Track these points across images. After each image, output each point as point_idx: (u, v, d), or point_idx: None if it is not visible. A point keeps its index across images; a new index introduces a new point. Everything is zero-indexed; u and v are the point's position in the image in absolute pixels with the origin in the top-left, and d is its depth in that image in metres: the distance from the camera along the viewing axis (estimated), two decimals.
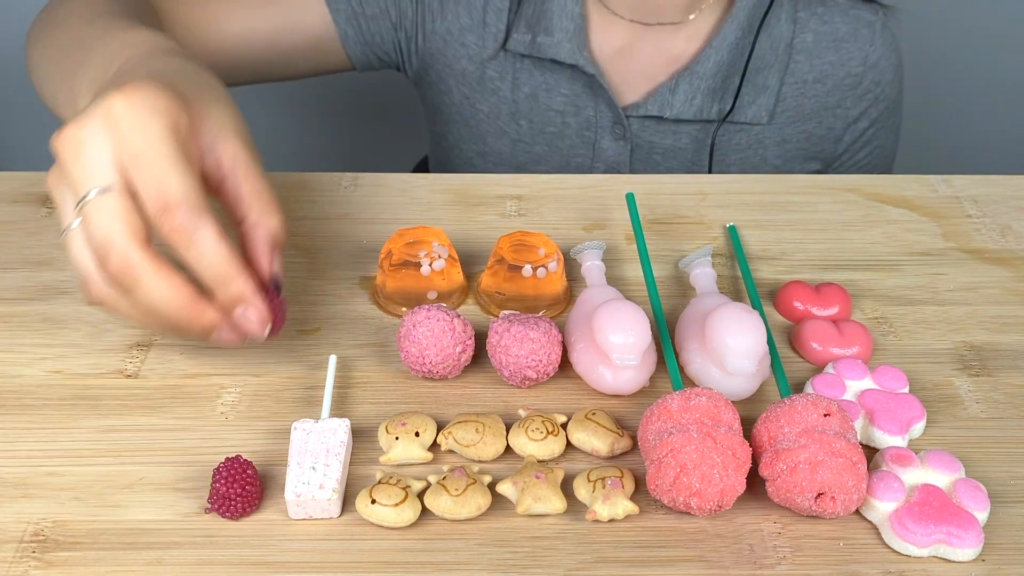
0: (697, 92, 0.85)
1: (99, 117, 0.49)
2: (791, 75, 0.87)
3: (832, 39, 0.87)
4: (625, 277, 0.67)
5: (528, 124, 0.90)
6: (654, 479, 0.48)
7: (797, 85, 0.87)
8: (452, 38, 0.89)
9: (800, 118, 0.88)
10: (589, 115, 0.87)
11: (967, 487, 0.50)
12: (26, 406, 0.55)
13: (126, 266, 0.48)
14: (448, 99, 0.93)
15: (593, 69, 0.85)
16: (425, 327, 0.55)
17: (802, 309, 0.63)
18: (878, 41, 0.88)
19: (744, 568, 0.47)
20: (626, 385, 0.55)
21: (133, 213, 0.48)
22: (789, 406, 0.50)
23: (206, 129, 0.53)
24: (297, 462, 0.50)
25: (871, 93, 0.89)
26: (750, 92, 0.86)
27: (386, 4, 0.88)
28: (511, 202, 0.74)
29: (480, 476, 0.51)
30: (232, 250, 0.49)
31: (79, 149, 0.49)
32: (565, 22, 0.84)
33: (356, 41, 0.89)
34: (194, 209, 0.48)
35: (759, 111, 0.86)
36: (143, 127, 0.48)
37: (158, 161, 0.48)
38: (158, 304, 0.49)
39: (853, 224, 0.72)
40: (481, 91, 0.90)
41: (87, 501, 0.50)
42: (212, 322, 0.50)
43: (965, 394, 0.58)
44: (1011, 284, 0.67)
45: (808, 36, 0.86)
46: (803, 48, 0.86)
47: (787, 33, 0.85)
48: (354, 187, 0.75)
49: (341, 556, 0.47)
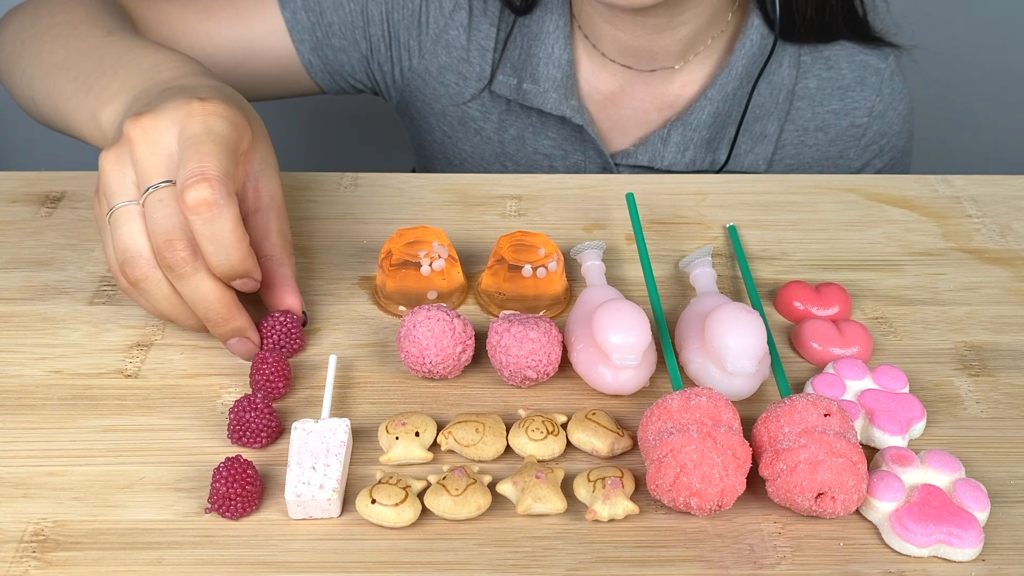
0: (690, 144, 0.81)
1: (176, 115, 0.52)
2: (791, 122, 0.83)
3: (837, 86, 0.83)
4: (625, 277, 0.67)
5: (514, 166, 0.88)
6: (654, 479, 0.48)
7: (798, 133, 0.84)
8: (431, 77, 0.86)
9: (799, 167, 0.85)
10: (577, 160, 0.85)
11: (967, 487, 0.50)
12: (26, 406, 0.55)
13: (190, 255, 0.51)
14: (430, 137, 0.90)
15: (581, 119, 0.82)
16: (425, 327, 0.55)
17: (802, 309, 0.63)
18: (885, 91, 0.84)
19: (744, 568, 0.47)
20: (626, 385, 0.55)
21: None
22: (789, 406, 0.50)
23: (255, 160, 0.57)
24: (297, 462, 0.50)
25: (876, 144, 0.86)
26: (747, 140, 0.82)
27: (355, 36, 0.85)
28: (511, 202, 0.74)
29: (480, 476, 0.50)
30: (246, 240, 0.53)
31: (156, 139, 0.52)
32: (552, 70, 0.81)
33: (322, 71, 0.87)
34: (224, 190, 0.50)
35: (756, 160, 0.83)
36: (211, 132, 0.52)
37: (208, 146, 0.51)
38: (205, 296, 0.52)
39: (853, 224, 0.72)
40: (463, 131, 0.88)
41: (87, 501, 0.50)
42: (241, 327, 0.55)
43: (965, 394, 0.58)
44: (1011, 284, 0.67)
45: (811, 82, 0.82)
46: (805, 95, 0.82)
47: (789, 79, 0.82)
48: (354, 187, 0.75)
49: (341, 556, 0.47)
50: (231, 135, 0.53)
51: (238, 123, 0.54)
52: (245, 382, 0.57)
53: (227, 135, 0.53)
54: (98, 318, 0.62)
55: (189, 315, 0.55)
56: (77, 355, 0.59)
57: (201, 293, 0.52)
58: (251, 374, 0.56)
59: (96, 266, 0.66)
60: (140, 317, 0.62)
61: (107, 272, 0.65)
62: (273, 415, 0.53)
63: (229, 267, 0.52)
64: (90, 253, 0.67)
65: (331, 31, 0.85)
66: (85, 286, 0.64)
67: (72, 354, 0.59)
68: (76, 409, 0.55)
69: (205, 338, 0.60)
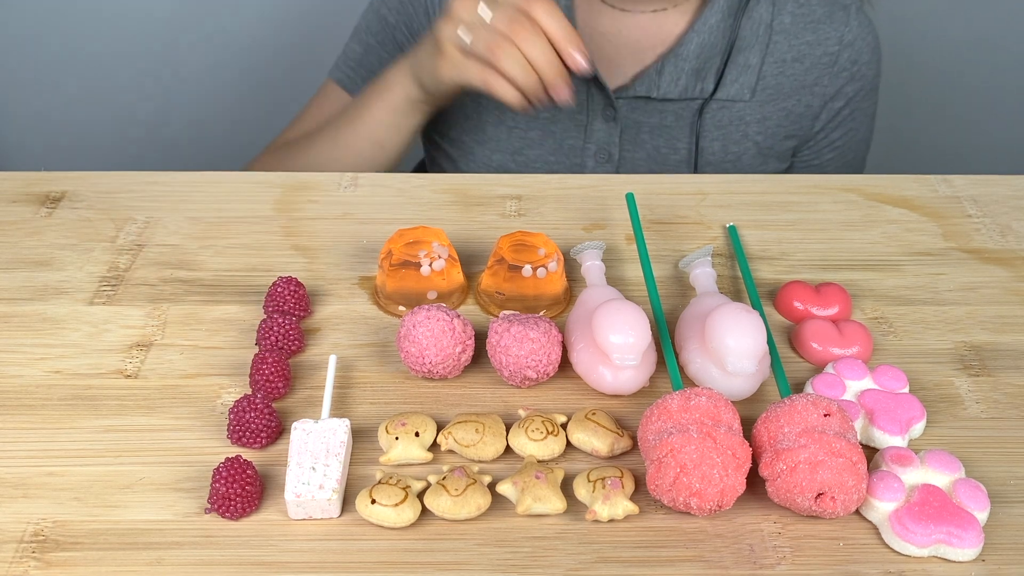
0: (682, 73, 0.87)
1: None
2: (771, 54, 0.89)
3: (809, 20, 0.90)
4: (625, 277, 0.67)
5: None
6: (654, 479, 0.48)
7: (777, 64, 0.90)
8: None
9: (780, 96, 0.90)
10: (581, 99, 0.89)
11: (967, 487, 0.50)
12: (26, 406, 0.55)
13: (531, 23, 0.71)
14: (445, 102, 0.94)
15: None
16: (425, 327, 0.55)
17: (802, 309, 0.63)
18: (853, 23, 0.91)
19: (744, 568, 0.47)
20: (626, 385, 0.55)
21: None
22: (789, 406, 0.50)
23: None
24: (297, 462, 0.50)
25: (847, 71, 0.91)
26: (732, 71, 0.88)
27: (379, 53, 0.92)
28: (511, 202, 0.74)
29: (480, 476, 0.50)
30: None
31: None
32: None
33: None
34: None
35: (742, 89, 0.89)
36: None
37: None
38: (544, 51, 0.71)
39: (853, 224, 0.72)
40: None
41: (87, 501, 0.50)
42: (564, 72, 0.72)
43: (965, 394, 0.58)
44: (1011, 284, 0.67)
45: (786, 18, 0.89)
46: (781, 29, 0.89)
47: (767, 15, 0.89)
48: (354, 187, 0.75)
49: (341, 556, 0.47)
50: None
51: None
52: (245, 382, 0.57)
53: None
54: (98, 318, 0.62)
55: (529, 72, 0.71)
56: (77, 355, 0.59)
57: (540, 49, 0.71)
58: (251, 374, 0.56)
59: (96, 266, 0.66)
60: (140, 317, 0.62)
61: (107, 272, 0.65)
62: (273, 415, 0.53)
63: (566, 32, 0.71)
64: (90, 253, 0.67)
65: (377, 69, 0.91)
66: (85, 286, 0.64)
67: (72, 354, 0.59)
68: (76, 409, 0.55)
69: (205, 338, 0.60)
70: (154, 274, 0.65)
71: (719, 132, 0.90)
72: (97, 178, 0.75)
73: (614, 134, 0.90)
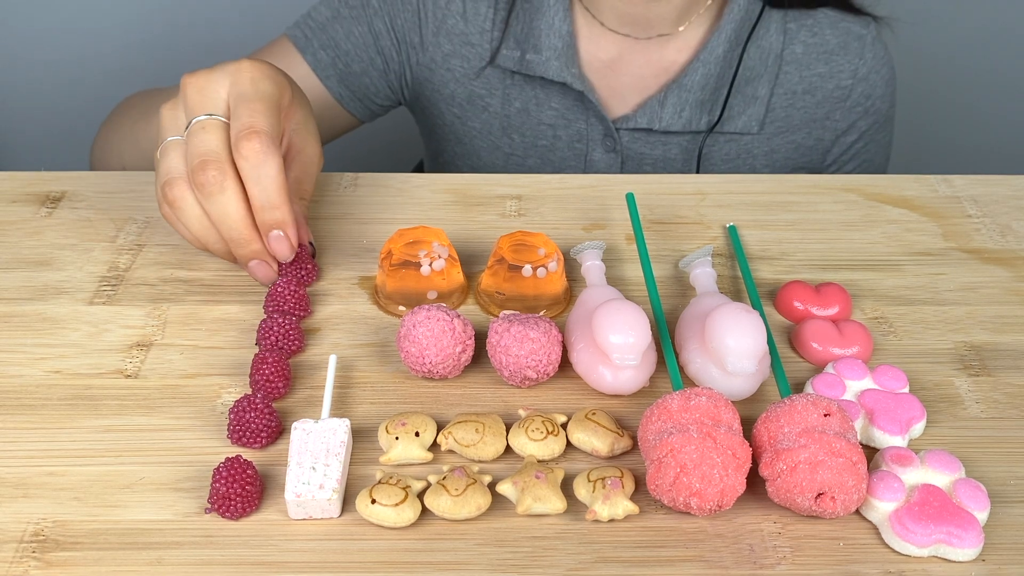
0: (686, 104, 0.85)
1: (228, 70, 0.60)
2: (780, 86, 0.86)
3: (822, 51, 0.87)
4: (625, 277, 0.67)
5: (520, 138, 0.90)
6: (654, 479, 0.48)
7: (786, 96, 0.87)
8: (437, 66, 0.90)
9: (789, 129, 0.88)
10: (580, 128, 0.88)
11: (967, 487, 0.50)
12: (26, 406, 0.55)
13: (219, 173, 0.57)
14: (440, 121, 0.94)
15: (582, 85, 0.85)
16: (425, 327, 0.55)
17: (802, 309, 0.63)
18: (868, 55, 0.88)
19: (744, 568, 0.47)
20: (626, 385, 0.55)
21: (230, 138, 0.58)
22: (789, 406, 0.50)
23: (295, 119, 0.65)
24: (297, 462, 0.50)
25: (860, 106, 0.89)
26: (740, 102, 0.86)
27: (369, 55, 0.89)
28: (511, 202, 0.74)
29: (480, 476, 0.50)
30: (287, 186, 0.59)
31: (205, 86, 0.60)
32: (553, 40, 0.85)
33: (351, 99, 0.91)
34: (272, 142, 0.58)
35: (749, 121, 0.86)
36: (256, 85, 0.60)
37: (258, 104, 0.59)
38: (230, 214, 0.58)
39: (853, 224, 0.72)
40: (471, 109, 0.91)
41: (87, 501, 0.50)
42: (259, 250, 0.60)
43: (965, 394, 0.58)
44: (1011, 284, 0.67)
45: (798, 48, 0.86)
46: (792, 59, 0.86)
47: (777, 44, 0.85)
48: (354, 187, 0.75)
49: (341, 556, 0.47)
50: (275, 92, 0.61)
51: (279, 81, 0.62)
52: (245, 382, 0.57)
53: (272, 93, 0.60)
54: (98, 318, 0.62)
55: (217, 238, 0.60)
56: (77, 355, 0.59)
57: (226, 212, 0.58)
58: (251, 374, 0.56)
59: (96, 266, 0.66)
60: (140, 317, 0.62)
61: (107, 272, 0.65)
62: (273, 415, 0.53)
63: (269, 205, 0.58)
64: (90, 253, 0.67)
65: (349, 59, 0.89)
66: (85, 286, 0.64)
67: (72, 354, 0.59)
68: (76, 409, 0.55)
69: (205, 338, 0.60)
70: (154, 274, 0.65)
71: (725, 166, 0.88)
72: (97, 178, 0.75)
73: (614, 165, 0.88)
